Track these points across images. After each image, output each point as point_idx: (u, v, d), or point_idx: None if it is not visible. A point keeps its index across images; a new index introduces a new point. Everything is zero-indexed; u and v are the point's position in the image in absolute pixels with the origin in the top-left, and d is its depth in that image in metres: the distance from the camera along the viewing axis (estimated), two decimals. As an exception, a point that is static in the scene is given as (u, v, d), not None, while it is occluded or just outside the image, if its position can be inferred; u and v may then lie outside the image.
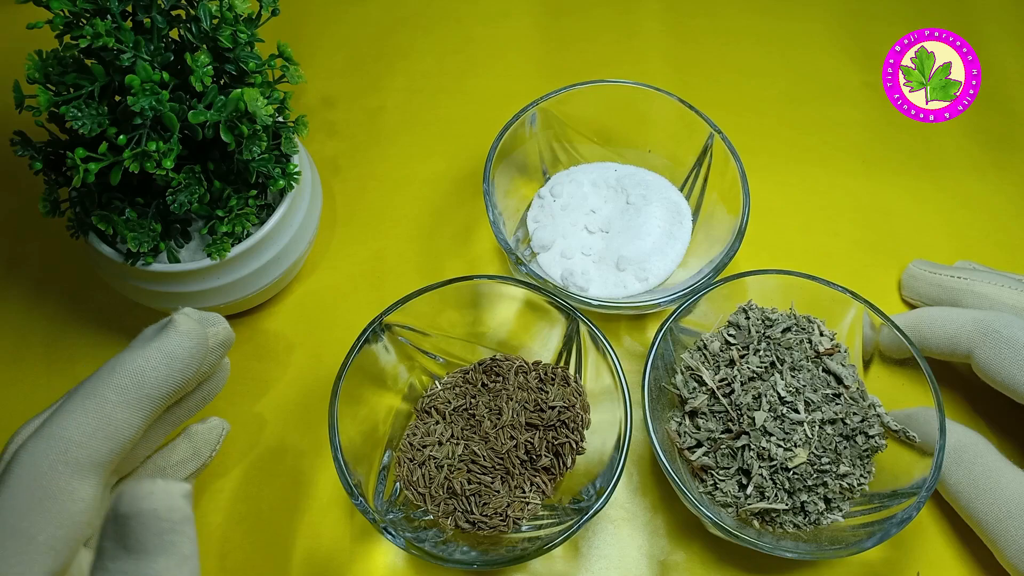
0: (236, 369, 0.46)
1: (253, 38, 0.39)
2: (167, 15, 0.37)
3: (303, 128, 0.43)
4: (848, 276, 0.43)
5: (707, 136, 0.47)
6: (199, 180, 0.38)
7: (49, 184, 0.39)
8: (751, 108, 0.57)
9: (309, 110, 0.56)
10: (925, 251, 0.50)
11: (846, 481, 0.38)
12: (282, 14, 0.41)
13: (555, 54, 0.60)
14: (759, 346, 0.40)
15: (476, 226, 0.51)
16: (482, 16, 0.62)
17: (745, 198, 0.44)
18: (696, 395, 0.40)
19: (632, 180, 0.50)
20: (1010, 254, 0.51)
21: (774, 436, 0.37)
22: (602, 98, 0.49)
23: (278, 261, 0.43)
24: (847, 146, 0.56)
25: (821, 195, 0.53)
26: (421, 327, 0.42)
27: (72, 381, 0.46)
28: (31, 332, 0.47)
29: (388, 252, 0.50)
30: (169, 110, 0.35)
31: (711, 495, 0.39)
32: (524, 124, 0.47)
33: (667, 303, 0.43)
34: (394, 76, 0.58)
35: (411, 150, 0.55)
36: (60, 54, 0.35)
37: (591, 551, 0.41)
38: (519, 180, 0.50)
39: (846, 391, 0.39)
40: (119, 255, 0.40)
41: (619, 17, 0.62)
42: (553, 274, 0.47)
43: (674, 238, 0.47)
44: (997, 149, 0.56)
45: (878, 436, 0.38)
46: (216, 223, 0.40)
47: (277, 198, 0.43)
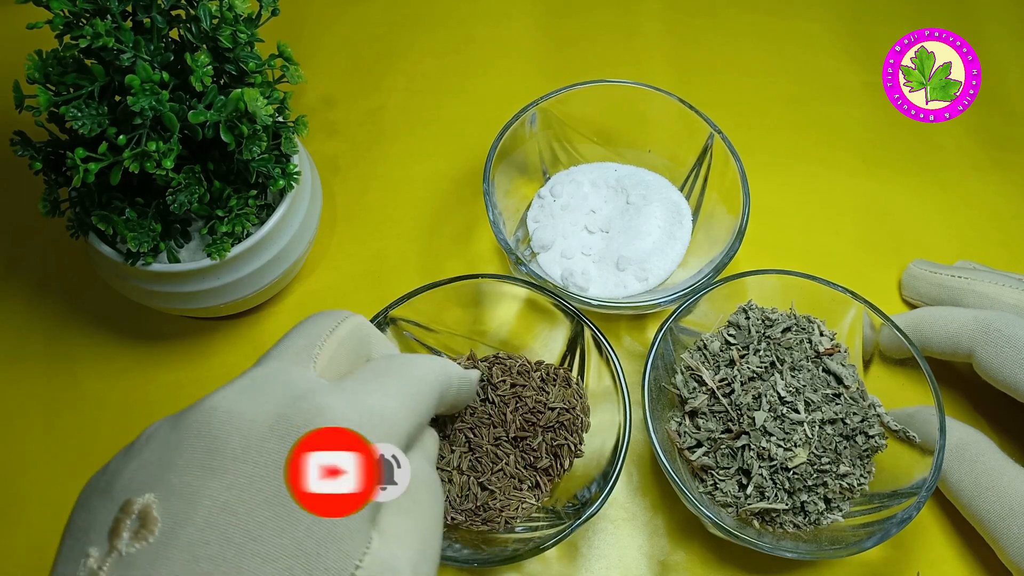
0: (236, 369, 0.46)
1: (253, 38, 0.39)
2: (167, 15, 0.37)
3: (303, 128, 0.43)
4: (848, 276, 0.43)
5: (707, 136, 0.47)
6: (199, 180, 0.38)
7: (49, 184, 0.39)
8: (751, 108, 0.57)
9: (309, 110, 0.56)
10: (925, 251, 0.50)
11: (846, 481, 0.38)
12: (282, 14, 0.41)
13: (555, 54, 0.60)
14: (759, 346, 0.40)
15: (476, 226, 0.51)
16: (482, 16, 0.62)
17: (745, 198, 0.44)
18: (696, 395, 0.40)
19: (632, 180, 0.50)
20: (1010, 253, 0.51)
21: (774, 436, 0.37)
22: (602, 98, 0.49)
23: (278, 261, 0.43)
24: (847, 146, 0.56)
25: (821, 195, 0.53)
26: (425, 323, 0.42)
27: (72, 381, 0.46)
28: (31, 332, 0.47)
29: (388, 252, 0.50)
30: (169, 110, 0.35)
31: (711, 495, 0.39)
32: (524, 124, 0.47)
33: (667, 303, 0.43)
34: (394, 76, 0.58)
35: (411, 150, 0.55)
36: (60, 54, 0.35)
37: (591, 551, 0.41)
38: (519, 180, 0.50)
39: (846, 391, 0.39)
40: (119, 255, 0.40)
41: (619, 17, 0.62)
42: (553, 274, 0.47)
43: (674, 238, 0.47)
44: (997, 149, 0.56)
45: (878, 436, 0.38)
46: (216, 223, 0.40)
47: (277, 198, 0.43)
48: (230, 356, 0.47)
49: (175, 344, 0.47)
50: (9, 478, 0.43)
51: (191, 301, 0.42)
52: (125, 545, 0.22)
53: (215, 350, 0.47)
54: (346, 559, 0.22)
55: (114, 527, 0.22)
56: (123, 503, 0.23)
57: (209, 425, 0.24)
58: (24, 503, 0.42)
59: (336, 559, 0.22)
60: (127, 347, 0.47)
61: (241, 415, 0.24)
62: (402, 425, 0.26)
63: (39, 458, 0.44)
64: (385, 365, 0.29)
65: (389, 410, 0.26)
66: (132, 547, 0.21)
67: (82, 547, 0.22)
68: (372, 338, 0.31)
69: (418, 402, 0.28)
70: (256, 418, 0.24)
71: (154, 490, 0.23)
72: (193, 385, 0.46)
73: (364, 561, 0.23)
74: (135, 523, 0.22)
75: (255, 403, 0.25)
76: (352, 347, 0.30)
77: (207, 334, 0.47)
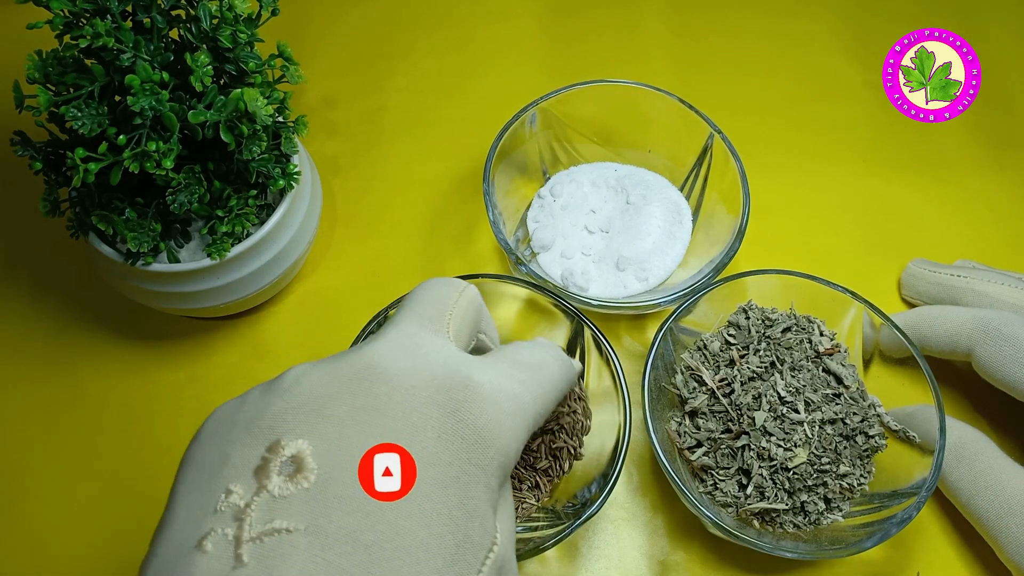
0: (236, 369, 0.46)
1: (253, 38, 0.39)
2: (167, 15, 0.37)
3: (303, 128, 0.43)
4: (848, 276, 0.43)
5: (707, 136, 0.47)
6: (199, 180, 0.38)
7: (49, 184, 0.39)
8: (751, 108, 0.57)
9: (309, 110, 0.56)
10: (925, 250, 0.50)
11: (846, 481, 0.38)
12: (282, 14, 0.41)
13: (556, 54, 0.60)
14: (759, 346, 0.40)
15: (476, 226, 0.51)
16: (483, 16, 0.62)
17: (745, 198, 0.44)
18: (696, 395, 0.40)
19: (632, 180, 0.50)
20: (1010, 253, 0.51)
21: (774, 436, 0.37)
22: (602, 98, 0.49)
23: (278, 261, 0.43)
24: (847, 145, 0.56)
25: (821, 195, 0.53)
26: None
27: (72, 381, 0.46)
28: (31, 332, 0.47)
29: (388, 252, 0.50)
30: (169, 110, 0.35)
31: (711, 495, 0.39)
32: (524, 124, 0.47)
33: (667, 303, 0.43)
34: (394, 76, 0.58)
35: (411, 150, 0.55)
36: (60, 54, 0.35)
37: (591, 551, 0.41)
38: (519, 180, 0.50)
39: (846, 391, 0.39)
40: (119, 255, 0.40)
41: (619, 16, 0.62)
42: (553, 274, 0.47)
43: (674, 238, 0.47)
44: (997, 148, 0.56)
45: (878, 436, 0.38)
46: (216, 223, 0.40)
47: (277, 198, 0.43)
48: (230, 356, 0.47)
49: (175, 344, 0.47)
50: (9, 478, 0.43)
51: (191, 301, 0.42)
52: (277, 486, 0.21)
53: (215, 350, 0.47)
54: (487, 535, 0.22)
55: (262, 466, 0.21)
56: (271, 443, 0.22)
57: (370, 382, 0.23)
58: (24, 503, 0.43)
59: (480, 534, 0.22)
60: (127, 347, 0.47)
61: (400, 378, 0.24)
62: (529, 420, 0.26)
63: (39, 458, 0.44)
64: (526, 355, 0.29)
65: (524, 402, 0.26)
66: (286, 489, 0.21)
67: (219, 481, 0.22)
68: (483, 310, 0.31)
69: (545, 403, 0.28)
70: (416, 383, 0.24)
71: (307, 436, 0.22)
72: (193, 385, 0.46)
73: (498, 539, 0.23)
74: (288, 466, 0.21)
75: (413, 367, 0.24)
76: (472, 318, 0.29)
77: (207, 334, 0.47)
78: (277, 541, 0.20)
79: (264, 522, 0.20)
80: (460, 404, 0.24)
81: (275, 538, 0.20)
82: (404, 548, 0.21)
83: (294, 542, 0.20)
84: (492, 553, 0.22)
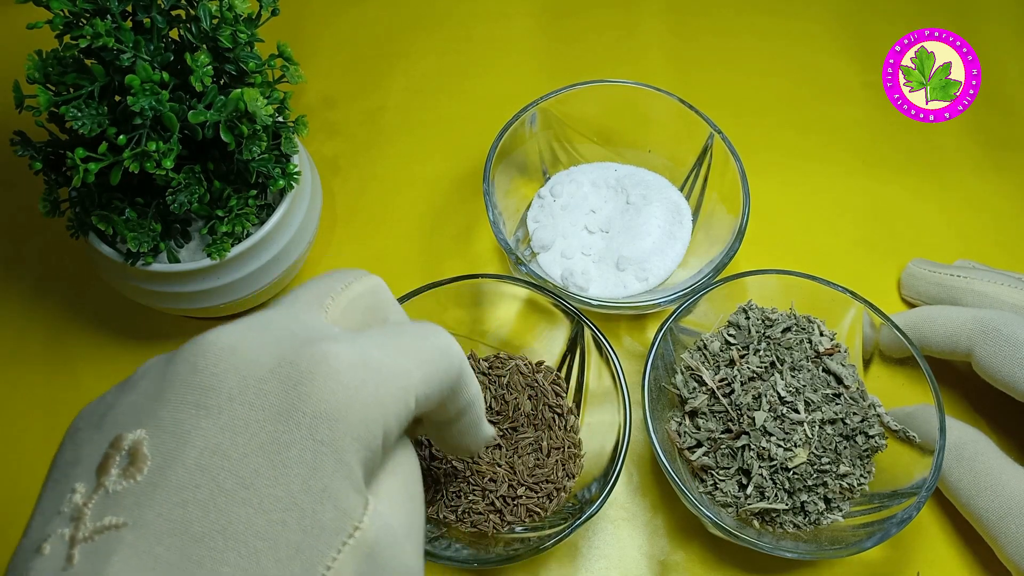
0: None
1: (253, 38, 0.39)
2: (167, 15, 0.37)
3: (303, 128, 0.43)
4: (848, 276, 0.43)
5: (707, 136, 0.47)
6: (199, 180, 0.38)
7: (49, 184, 0.39)
8: (751, 108, 0.57)
9: (309, 110, 0.56)
10: (925, 250, 0.50)
11: (846, 481, 0.38)
12: (282, 14, 0.41)
13: (555, 54, 0.60)
14: (759, 346, 0.40)
15: (476, 226, 0.51)
16: (482, 16, 0.62)
17: (745, 198, 0.44)
18: (696, 395, 0.40)
19: (632, 180, 0.50)
20: (1010, 253, 0.51)
21: (774, 436, 0.37)
22: (602, 98, 0.49)
23: (278, 261, 0.43)
24: (847, 146, 0.56)
25: (821, 195, 0.53)
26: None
27: (72, 381, 0.46)
28: (31, 332, 0.47)
29: (388, 252, 0.50)
30: (169, 110, 0.35)
31: (711, 495, 0.39)
32: (524, 124, 0.47)
33: (667, 303, 0.43)
34: (394, 76, 0.58)
35: (411, 150, 0.55)
36: (60, 54, 0.35)
37: (591, 551, 0.41)
38: (519, 180, 0.50)
39: (846, 391, 0.39)
40: (119, 255, 0.40)
41: (619, 17, 0.62)
42: (553, 274, 0.47)
43: (674, 238, 0.47)
44: (997, 148, 0.56)
45: (878, 436, 0.38)
46: (216, 223, 0.40)
47: (277, 198, 0.43)
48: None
49: (175, 344, 0.46)
50: (9, 478, 0.43)
51: (191, 301, 0.42)
52: (112, 482, 0.20)
53: (215, 350, 0.47)
54: (344, 518, 0.21)
55: (103, 463, 0.21)
56: (113, 438, 0.21)
57: (206, 360, 0.22)
58: (24, 503, 0.42)
59: (333, 518, 0.21)
60: (127, 347, 0.47)
61: (241, 353, 0.22)
62: (415, 387, 0.24)
63: (39, 458, 0.44)
64: (406, 327, 0.26)
65: (401, 369, 0.24)
66: (119, 484, 0.20)
67: (69, 481, 0.21)
68: (389, 304, 0.29)
69: (435, 370, 0.25)
70: (257, 358, 0.22)
71: (145, 426, 0.21)
72: (193, 385, 0.46)
73: (364, 522, 0.21)
74: (124, 459, 0.21)
75: (258, 342, 0.23)
76: (367, 304, 0.28)
77: (207, 334, 0.47)
78: (106, 539, 0.20)
79: (96, 520, 0.20)
80: (303, 375, 0.22)
81: (104, 535, 0.20)
82: (238, 538, 0.20)
83: (121, 538, 0.19)
84: (352, 539, 0.21)
